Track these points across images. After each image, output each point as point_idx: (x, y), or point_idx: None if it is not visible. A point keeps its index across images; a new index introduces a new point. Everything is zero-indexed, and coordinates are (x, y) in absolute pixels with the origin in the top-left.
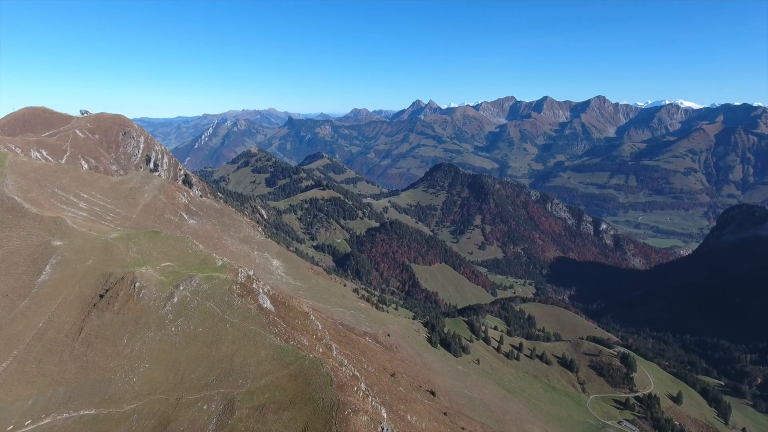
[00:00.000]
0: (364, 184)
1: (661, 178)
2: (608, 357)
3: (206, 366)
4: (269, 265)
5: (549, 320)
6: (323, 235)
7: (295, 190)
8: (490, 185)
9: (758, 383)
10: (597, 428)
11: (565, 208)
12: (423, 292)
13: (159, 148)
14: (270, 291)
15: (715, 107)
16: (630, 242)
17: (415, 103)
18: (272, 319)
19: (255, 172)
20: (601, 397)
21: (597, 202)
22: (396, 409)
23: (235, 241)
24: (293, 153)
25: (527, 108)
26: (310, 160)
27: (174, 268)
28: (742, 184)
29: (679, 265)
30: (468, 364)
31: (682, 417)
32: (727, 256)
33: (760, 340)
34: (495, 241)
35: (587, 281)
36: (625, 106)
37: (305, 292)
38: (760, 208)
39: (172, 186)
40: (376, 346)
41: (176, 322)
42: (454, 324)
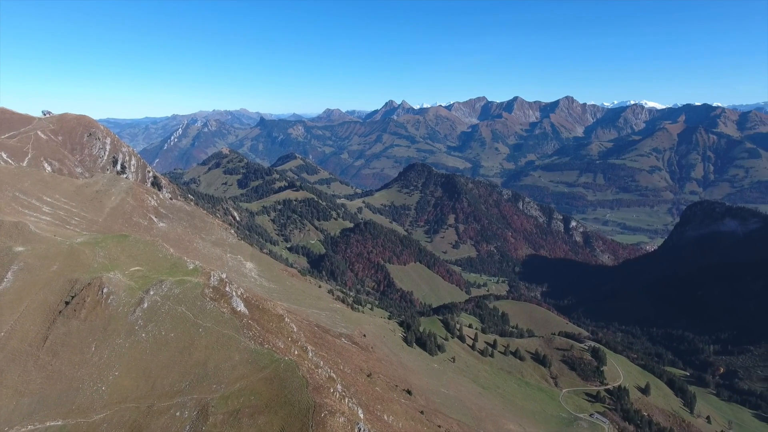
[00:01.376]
0: (338, 184)
1: (627, 177)
2: (579, 351)
3: (179, 372)
4: (242, 268)
5: (522, 317)
6: (297, 236)
7: (268, 191)
8: (463, 185)
9: (721, 373)
10: (569, 421)
11: (536, 207)
12: (398, 292)
13: (126, 149)
14: (243, 294)
15: (677, 107)
16: (599, 239)
17: (388, 103)
18: (246, 323)
19: (227, 173)
20: (573, 391)
21: (567, 201)
22: (373, 410)
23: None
24: (266, 154)
25: (498, 108)
26: (283, 161)
27: (144, 273)
28: (703, 182)
29: (646, 261)
30: (443, 362)
31: (650, 408)
32: (690, 251)
33: (722, 332)
34: (468, 239)
35: (558, 278)
36: (592, 107)
37: (280, 294)
38: (720, 204)
39: (140, 188)
40: (352, 347)
41: (147, 327)
42: (430, 323)
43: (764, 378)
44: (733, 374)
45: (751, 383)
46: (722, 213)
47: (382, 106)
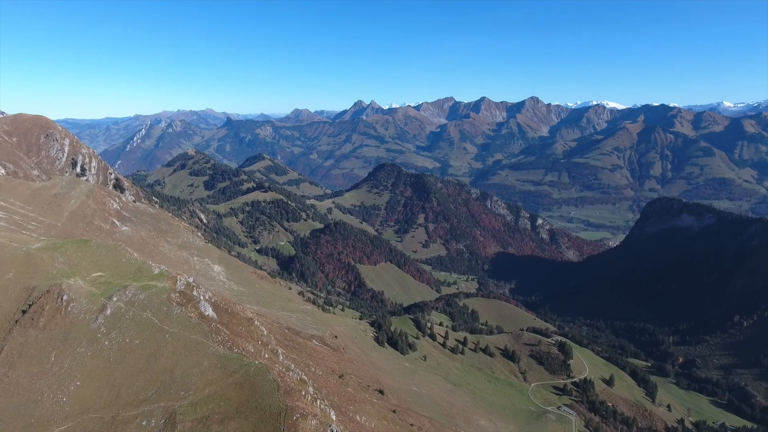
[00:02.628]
0: (308, 185)
1: (590, 175)
2: (547, 346)
3: (144, 379)
4: (210, 271)
5: (491, 314)
6: (266, 238)
7: (235, 192)
8: (433, 184)
9: (680, 362)
10: (538, 415)
11: (504, 205)
12: (369, 292)
13: (86, 151)
14: (212, 298)
15: (636, 108)
16: (564, 236)
17: (357, 103)
18: (215, 327)
19: (193, 174)
20: (541, 385)
21: (533, 199)
22: (345, 411)
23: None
24: (233, 155)
25: (466, 108)
26: (250, 161)
27: (106, 279)
28: (661, 179)
29: (609, 256)
30: (415, 361)
31: (614, 398)
32: (650, 246)
33: (681, 323)
34: (438, 238)
35: (526, 274)
36: (556, 107)
37: (249, 297)
38: (677, 201)
39: (101, 191)
40: (324, 349)
41: (110, 335)
42: (401, 322)
43: (720, 366)
44: (691, 363)
45: (708, 371)
46: (679, 209)
47: (351, 106)
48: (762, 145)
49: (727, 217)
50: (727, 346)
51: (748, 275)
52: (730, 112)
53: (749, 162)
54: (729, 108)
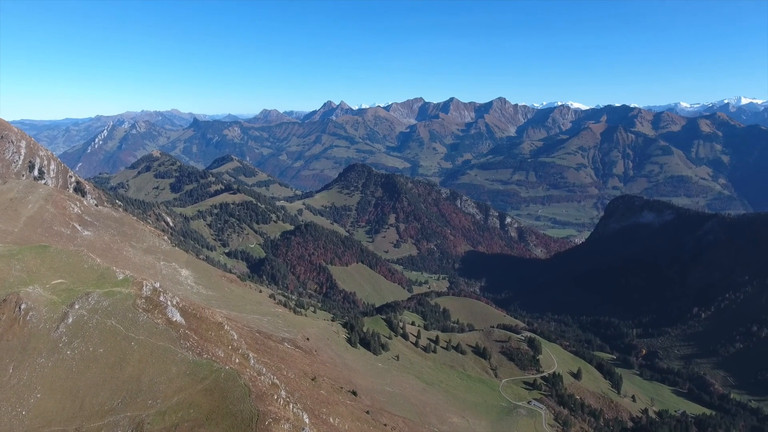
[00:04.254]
0: (277, 186)
1: (556, 174)
2: (517, 342)
3: (110, 389)
4: (178, 276)
5: (463, 312)
6: (236, 240)
7: (203, 195)
8: (403, 184)
9: (643, 354)
10: (509, 410)
11: (473, 204)
12: (341, 293)
13: (44, 153)
14: (179, 303)
15: (599, 108)
16: (532, 234)
17: (327, 103)
18: (183, 333)
19: (158, 177)
20: (512, 380)
21: (502, 198)
22: (318, 413)
23: (138, 252)
24: (200, 156)
25: (435, 109)
26: (218, 163)
27: (67, 286)
28: (624, 177)
29: (575, 253)
30: (388, 361)
31: (582, 391)
32: (614, 242)
33: (643, 316)
34: (409, 238)
35: (496, 272)
36: (523, 107)
37: (218, 301)
38: (639, 198)
39: (61, 195)
40: (296, 351)
41: (72, 344)
42: (373, 322)
43: (680, 357)
44: (654, 355)
45: (669, 362)
46: (641, 206)
47: (321, 107)
48: (717, 144)
49: (685, 213)
50: (687, 337)
51: (705, 268)
52: (687, 113)
53: (705, 160)
54: (686, 108)
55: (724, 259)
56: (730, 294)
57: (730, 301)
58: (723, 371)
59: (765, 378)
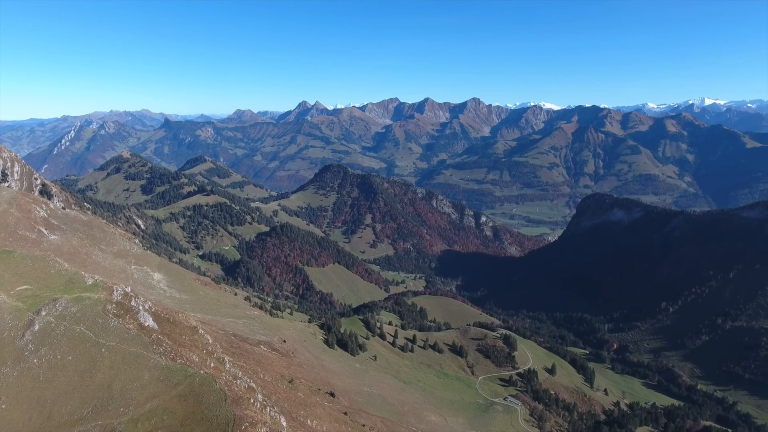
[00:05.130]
0: (252, 187)
1: (530, 173)
2: (493, 339)
3: (79, 398)
4: (150, 280)
5: (439, 311)
6: (210, 243)
7: (175, 196)
8: (379, 184)
9: (614, 348)
10: (486, 407)
11: (449, 204)
12: (318, 294)
13: (7, 154)
14: (152, 307)
15: (570, 108)
16: (507, 232)
17: (302, 104)
18: (156, 338)
19: (128, 179)
20: (488, 378)
21: (477, 197)
22: (296, 416)
23: (108, 255)
24: (172, 157)
25: (410, 109)
26: (191, 164)
27: (33, 292)
28: (594, 176)
29: (548, 251)
30: (365, 361)
31: (556, 386)
32: (586, 240)
33: (614, 311)
34: (386, 238)
35: (471, 271)
36: (497, 108)
37: (192, 305)
38: (609, 197)
39: (26, 198)
40: (272, 354)
41: (39, 352)
42: (350, 323)
43: (650, 350)
44: (625, 349)
45: (640, 356)
46: (611, 204)
47: (296, 107)
48: (682, 144)
49: (654, 210)
50: (656, 331)
51: (672, 264)
52: (654, 113)
53: (671, 159)
54: (653, 109)
55: (690, 254)
56: (696, 288)
57: (696, 295)
58: (690, 363)
59: (729, 369)
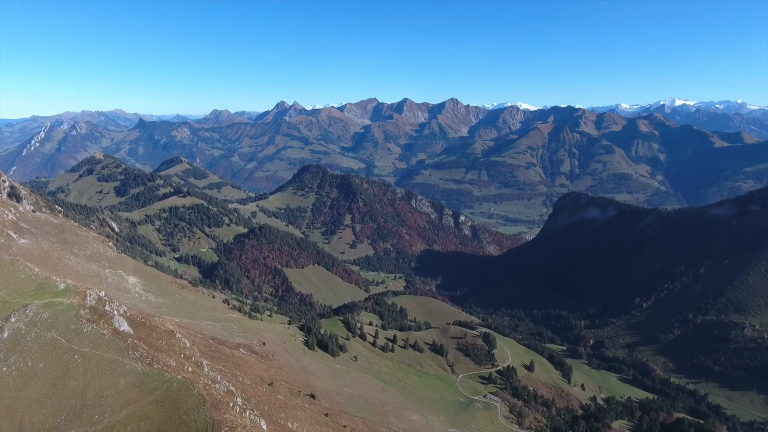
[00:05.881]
0: (229, 188)
1: (507, 173)
2: (472, 338)
3: (51, 406)
4: (125, 283)
5: (419, 310)
6: (186, 245)
7: (151, 198)
8: (358, 185)
9: (590, 344)
10: (466, 405)
11: (428, 204)
12: (297, 296)
13: None
14: (127, 312)
15: (546, 109)
16: (485, 231)
17: (280, 104)
18: (131, 343)
19: (102, 180)
20: (468, 376)
21: (455, 197)
22: (276, 419)
23: (80, 259)
24: (147, 158)
25: (389, 109)
26: (167, 165)
27: (2, 298)
28: (570, 175)
29: (526, 249)
30: (346, 362)
31: (535, 383)
32: (562, 238)
33: (590, 308)
34: (365, 238)
35: (451, 270)
36: (474, 108)
37: (169, 308)
38: (584, 195)
39: None
40: (251, 357)
41: (8, 360)
42: (330, 324)
43: (625, 345)
44: (601, 344)
45: (615, 351)
46: (586, 203)
47: (274, 107)
48: (654, 143)
49: (627, 208)
50: (631, 326)
51: (645, 261)
52: (627, 113)
53: (644, 158)
54: (626, 109)
55: (662, 251)
56: (668, 284)
57: (669, 291)
58: (663, 357)
59: (701, 362)
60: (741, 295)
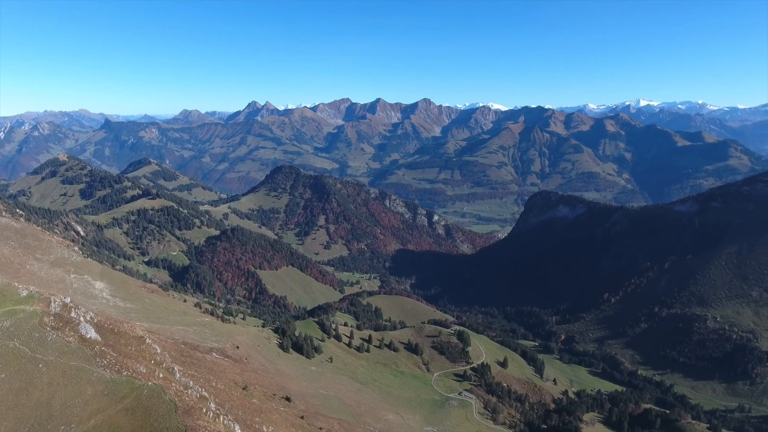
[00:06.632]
0: (200, 190)
1: (479, 172)
2: (447, 336)
3: (14, 418)
4: (91, 289)
5: (394, 310)
6: (156, 248)
7: (118, 201)
8: (332, 185)
9: (562, 339)
10: (441, 403)
11: (402, 203)
12: (271, 298)
13: None
14: (94, 318)
15: (517, 109)
16: (458, 230)
17: (252, 104)
18: (99, 350)
19: (66, 183)
20: (444, 374)
21: (429, 196)
22: (251, 423)
23: (44, 265)
24: (114, 160)
25: (362, 109)
26: (135, 166)
27: None
28: (541, 174)
29: (498, 247)
30: (321, 363)
31: (508, 379)
32: (534, 236)
33: (561, 304)
34: (339, 239)
35: (425, 269)
36: (447, 108)
37: (139, 313)
38: (554, 194)
39: None
40: (225, 361)
41: None
42: (305, 326)
43: (594, 339)
44: (571, 339)
45: (585, 345)
46: (556, 201)
47: (245, 107)
48: (620, 143)
49: (595, 206)
50: (600, 321)
51: (613, 257)
52: (594, 113)
53: (611, 157)
54: (593, 110)
55: (629, 247)
56: (635, 279)
57: (636, 286)
58: (631, 350)
59: (666, 354)
60: (703, 288)
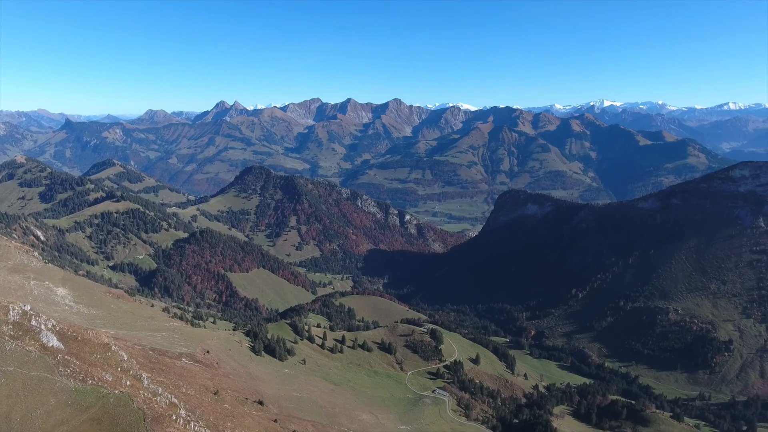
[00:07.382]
0: (167, 192)
1: (450, 171)
2: (420, 335)
3: None
4: (53, 296)
5: (367, 310)
6: (121, 252)
7: (81, 204)
8: (303, 186)
9: (532, 335)
10: (415, 401)
11: (374, 203)
12: (242, 301)
13: None
14: (56, 326)
15: (486, 109)
16: (430, 229)
17: (220, 104)
18: (62, 359)
19: (24, 185)
20: (417, 372)
21: (400, 196)
22: (222, 429)
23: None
24: (75, 161)
25: (333, 109)
26: (98, 168)
27: None
28: (510, 173)
29: (469, 245)
30: (294, 365)
31: (480, 375)
32: (503, 234)
33: (531, 300)
34: (311, 240)
35: (397, 268)
36: (418, 108)
37: (104, 320)
38: (523, 192)
39: None
40: (195, 366)
41: None
42: (277, 328)
43: (563, 334)
44: (541, 335)
45: (554, 340)
46: (525, 199)
47: (213, 107)
48: (585, 142)
49: (563, 204)
50: (568, 316)
51: (580, 253)
52: (561, 114)
53: (577, 156)
54: (560, 110)
55: (595, 243)
56: (601, 275)
57: (602, 281)
58: (598, 343)
59: (631, 346)
60: (665, 282)
